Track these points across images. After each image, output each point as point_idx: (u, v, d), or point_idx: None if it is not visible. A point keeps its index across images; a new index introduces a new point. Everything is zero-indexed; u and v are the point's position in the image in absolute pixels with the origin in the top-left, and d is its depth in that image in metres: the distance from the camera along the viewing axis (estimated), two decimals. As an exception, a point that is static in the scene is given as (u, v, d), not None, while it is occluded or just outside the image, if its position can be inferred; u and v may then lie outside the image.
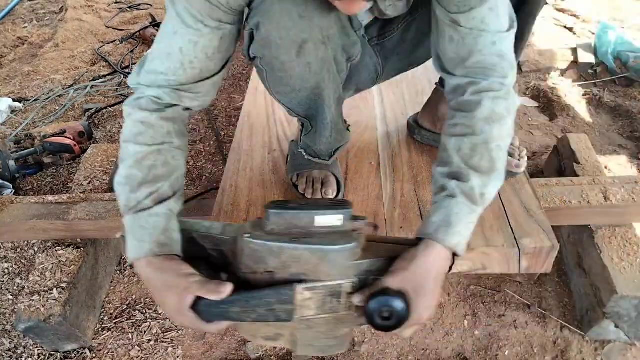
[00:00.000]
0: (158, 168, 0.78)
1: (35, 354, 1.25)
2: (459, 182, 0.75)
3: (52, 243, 1.31)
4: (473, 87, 0.79)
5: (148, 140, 0.79)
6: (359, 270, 0.73)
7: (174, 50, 0.77)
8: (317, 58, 0.84)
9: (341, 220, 0.72)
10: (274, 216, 0.73)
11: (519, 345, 1.21)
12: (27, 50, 2.74)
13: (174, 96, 0.81)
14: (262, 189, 1.17)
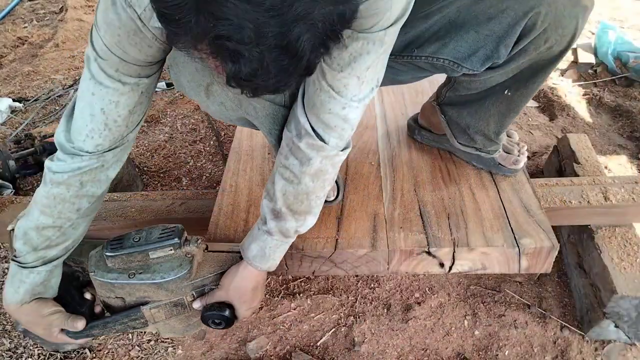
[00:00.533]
0: (53, 240, 0.86)
1: (35, 354, 1.25)
2: (278, 223, 0.86)
3: (52, 243, 1.31)
4: (310, 140, 0.80)
5: (55, 214, 0.83)
6: (194, 287, 0.91)
7: (96, 112, 0.76)
8: (229, 97, 0.84)
9: (172, 249, 0.85)
10: (112, 258, 0.85)
11: (519, 345, 1.21)
12: (27, 50, 2.74)
13: (99, 164, 0.82)
14: (262, 189, 1.17)
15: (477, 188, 1.14)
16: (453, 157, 1.23)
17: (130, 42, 0.69)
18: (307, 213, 0.88)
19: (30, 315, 0.89)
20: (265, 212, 0.88)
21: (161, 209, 1.27)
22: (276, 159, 0.88)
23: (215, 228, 1.08)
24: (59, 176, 0.81)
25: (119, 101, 0.76)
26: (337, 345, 1.23)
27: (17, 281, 0.86)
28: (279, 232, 0.87)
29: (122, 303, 0.91)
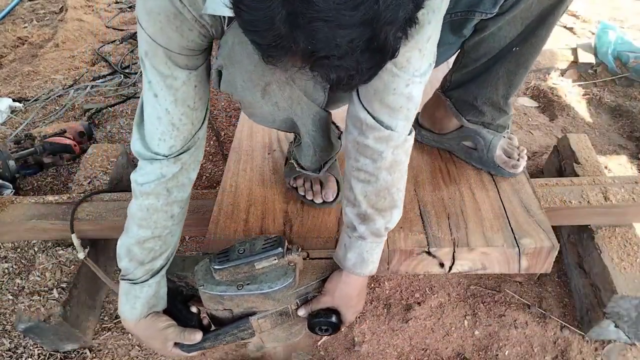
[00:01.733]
0: (157, 250, 0.88)
1: (35, 354, 1.25)
2: (367, 226, 0.86)
3: (52, 243, 1.31)
4: (376, 133, 0.79)
5: (151, 225, 0.85)
6: (298, 295, 0.93)
7: (161, 114, 0.78)
8: (284, 97, 0.84)
9: (276, 259, 0.87)
10: (220, 271, 0.87)
11: (519, 345, 1.21)
12: (27, 50, 2.73)
13: (178, 167, 0.83)
14: (262, 189, 1.17)
15: (477, 188, 1.14)
16: (453, 157, 1.23)
17: (172, 27, 0.69)
18: (392, 207, 0.87)
19: (148, 329, 0.92)
20: (351, 219, 0.87)
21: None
22: (346, 165, 0.88)
23: (215, 228, 1.08)
24: (147, 187, 0.83)
25: (176, 99, 0.77)
26: (337, 345, 1.23)
27: (133, 297, 0.89)
28: (371, 234, 0.87)
29: (229, 315, 0.93)
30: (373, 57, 0.53)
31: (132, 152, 0.84)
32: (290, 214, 1.11)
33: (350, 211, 0.87)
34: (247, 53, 0.74)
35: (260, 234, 1.07)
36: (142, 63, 0.74)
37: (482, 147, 1.15)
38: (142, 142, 0.82)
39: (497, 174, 1.16)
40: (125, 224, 0.88)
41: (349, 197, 0.87)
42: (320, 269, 0.95)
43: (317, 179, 1.12)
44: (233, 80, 0.80)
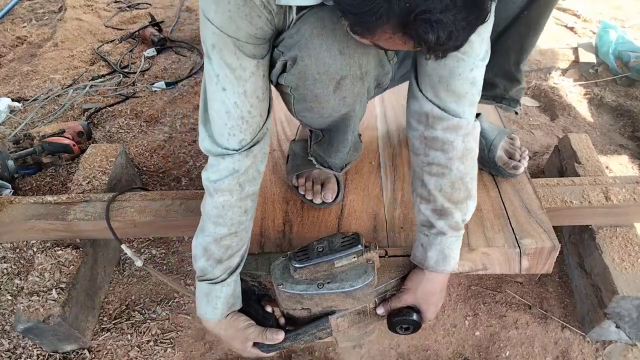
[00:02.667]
0: (233, 248, 0.88)
1: (34, 355, 1.25)
2: (445, 220, 0.85)
3: (51, 243, 1.31)
4: (444, 123, 0.79)
5: (227, 222, 0.85)
6: (377, 293, 0.92)
7: (230, 108, 0.77)
8: (353, 92, 0.84)
9: (355, 257, 0.85)
10: (300, 269, 0.86)
11: (519, 346, 1.20)
12: (26, 50, 2.73)
13: (250, 161, 0.82)
14: (262, 189, 1.16)
15: (478, 188, 1.12)
16: (454, 157, 1.22)
17: (240, 15, 0.68)
18: (467, 198, 0.86)
19: (229, 329, 0.92)
20: (427, 216, 0.87)
21: (160, 209, 1.27)
22: (414, 163, 0.88)
23: (215, 228, 1.08)
24: (220, 183, 0.82)
25: (246, 91, 0.76)
26: (337, 345, 1.23)
27: (214, 298, 0.88)
28: (450, 228, 0.86)
29: (307, 314, 0.93)
30: (469, 16, 0.54)
31: (202, 151, 0.83)
32: (290, 214, 1.11)
33: (426, 208, 0.87)
34: (326, 45, 0.73)
35: (262, 235, 1.06)
36: (208, 57, 0.74)
37: (484, 147, 1.14)
38: (210, 140, 0.81)
39: (498, 175, 1.16)
40: (199, 224, 0.88)
41: (422, 193, 0.87)
42: (398, 267, 0.94)
43: (318, 179, 1.11)
44: (305, 72, 0.77)
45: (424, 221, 0.88)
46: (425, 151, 0.84)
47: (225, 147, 0.80)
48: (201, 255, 0.87)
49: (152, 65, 2.48)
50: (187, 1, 3.14)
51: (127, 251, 1.12)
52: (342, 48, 0.75)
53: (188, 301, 1.35)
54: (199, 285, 0.89)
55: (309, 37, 0.73)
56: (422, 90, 0.81)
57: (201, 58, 2.48)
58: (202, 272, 0.88)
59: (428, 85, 0.80)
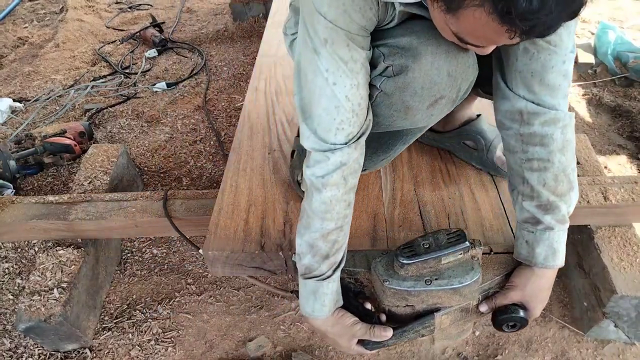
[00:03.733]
0: (339, 242, 0.87)
1: (36, 354, 1.25)
2: (552, 215, 0.85)
3: (52, 243, 1.31)
4: (541, 118, 0.80)
5: (334, 216, 0.84)
6: (482, 290, 0.91)
7: (341, 102, 0.76)
8: (441, 111, 0.85)
9: (462, 253, 0.85)
10: (407, 266, 0.84)
11: (518, 345, 1.21)
12: (28, 51, 2.74)
13: (357, 151, 0.81)
14: (262, 189, 1.17)
15: (477, 188, 1.14)
16: (453, 157, 1.23)
17: (355, 8, 0.69)
18: (570, 190, 0.86)
19: (335, 326, 0.90)
20: (532, 212, 0.86)
21: (161, 209, 1.27)
22: (511, 162, 0.88)
23: (215, 228, 1.08)
24: (328, 178, 0.81)
25: (358, 83, 0.75)
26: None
27: (321, 295, 0.87)
28: (557, 222, 0.85)
29: (410, 311, 0.91)
30: None
31: (306, 148, 0.82)
32: (290, 214, 1.11)
33: (530, 205, 0.86)
34: (438, 64, 0.75)
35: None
36: (316, 53, 0.73)
37: (483, 147, 1.15)
38: (315, 136, 0.79)
39: (497, 175, 1.16)
40: (301, 222, 0.87)
41: (524, 191, 0.86)
42: (501, 264, 0.93)
43: None
44: (409, 84, 0.78)
45: (527, 218, 0.87)
46: (523, 148, 0.84)
47: (333, 143, 0.79)
48: (307, 252, 0.86)
49: (153, 66, 2.49)
50: (188, 2, 3.15)
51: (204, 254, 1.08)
52: (451, 70, 0.77)
53: (189, 300, 1.36)
54: (305, 283, 0.88)
55: (423, 53, 0.75)
56: (512, 89, 0.82)
57: (202, 59, 2.49)
58: (307, 269, 0.87)
59: (519, 83, 0.81)
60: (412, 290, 0.85)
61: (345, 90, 0.75)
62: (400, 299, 0.88)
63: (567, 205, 0.86)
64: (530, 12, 0.53)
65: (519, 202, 0.89)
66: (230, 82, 2.30)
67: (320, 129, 0.79)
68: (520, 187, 0.88)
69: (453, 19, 0.62)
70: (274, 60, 1.63)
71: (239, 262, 1.05)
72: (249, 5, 2.69)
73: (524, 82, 0.80)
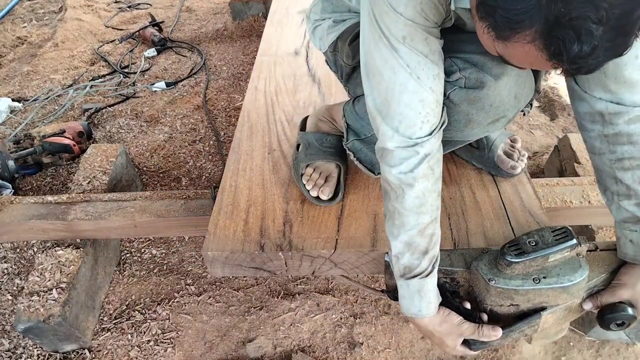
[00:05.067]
0: (436, 235, 0.85)
1: (35, 355, 1.25)
2: None
3: (51, 243, 1.31)
4: (625, 117, 0.79)
5: (429, 209, 0.83)
6: (588, 288, 0.89)
7: (425, 95, 0.75)
8: (496, 130, 0.86)
9: (569, 251, 0.82)
10: (515, 264, 0.82)
11: (519, 345, 1.20)
12: (27, 50, 2.73)
13: (438, 140, 0.81)
14: (262, 189, 1.16)
15: (478, 188, 1.14)
16: (453, 156, 1.22)
17: (430, 5, 0.70)
18: None
19: (443, 324, 0.87)
20: (631, 211, 0.84)
21: (161, 209, 1.27)
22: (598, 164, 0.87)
23: (215, 228, 1.08)
24: (417, 172, 0.80)
25: (439, 72, 0.76)
26: (337, 345, 1.23)
27: (426, 292, 0.84)
28: None
29: (514, 310, 0.88)
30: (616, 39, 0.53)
31: (389, 149, 0.80)
32: (290, 214, 1.11)
33: (628, 204, 0.84)
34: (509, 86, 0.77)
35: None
36: (393, 49, 0.73)
37: (484, 146, 1.14)
38: (399, 135, 0.78)
39: (498, 174, 1.16)
40: (392, 224, 0.85)
41: (620, 190, 0.85)
42: (605, 262, 0.90)
43: (323, 174, 1.12)
44: (481, 99, 0.79)
45: (627, 217, 0.85)
46: (610, 148, 0.82)
47: (419, 137, 0.78)
48: (405, 251, 0.83)
49: (152, 65, 2.48)
50: (187, 1, 3.14)
51: None
52: (518, 93, 0.79)
53: (189, 301, 1.36)
54: (407, 284, 0.85)
55: (503, 73, 0.76)
56: (586, 90, 0.81)
57: (201, 58, 2.49)
58: (407, 269, 0.84)
59: (593, 85, 0.79)
60: (520, 289, 0.83)
61: (430, 82, 0.75)
62: (505, 298, 0.86)
63: None
64: (580, 57, 0.54)
65: (615, 202, 0.87)
66: (229, 82, 2.30)
67: (404, 125, 0.78)
68: (614, 188, 0.86)
69: (501, 45, 0.62)
70: (274, 60, 1.62)
71: (239, 262, 1.04)
72: (248, 4, 2.68)
73: (598, 84, 0.79)
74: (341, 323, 1.27)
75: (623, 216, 0.86)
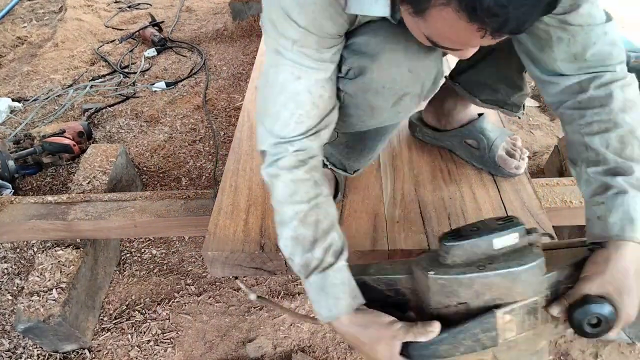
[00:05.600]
0: (323, 222, 0.77)
1: (35, 355, 1.25)
2: (624, 177, 0.73)
3: (51, 243, 1.31)
4: (596, 82, 0.77)
5: (304, 197, 0.77)
6: (549, 283, 0.74)
7: (301, 97, 0.75)
8: (409, 108, 0.85)
9: (517, 237, 0.72)
10: (454, 248, 0.71)
11: (519, 346, 1.20)
12: (27, 50, 2.73)
13: (315, 142, 0.79)
14: (262, 189, 1.16)
15: (478, 188, 1.14)
16: (454, 156, 1.22)
17: (325, 16, 0.69)
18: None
19: (370, 327, 0.73)
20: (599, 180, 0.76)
21: (161, 209, 1.27)
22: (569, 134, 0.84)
23: (215, 228, 1.08)
24: (283, 162, 0.77)
25: (324, 78, 0.76)
26: (337, 345, 1.23)
27: (331, 286, 0.74)
28: (630, 185, 0.73)
29: (464, 310, 0.74)
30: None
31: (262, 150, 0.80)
32: (290, 214, 1.11)
33: (596, 171, 0.76)
34: (397, 61, 0.75)
35: (262, 235, 1.06)
36: (285, 51, 0.73)
37: (484, 147, 1.14)
38: (272, 136, 0.78)
39: (498, 174, 1.16)
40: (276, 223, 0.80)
41: (589, 157, 0.78)
42: (568, 256, 0.78)
43: None
44: (370, 84, 0.78)
45: (596, 189, 0.76)
46: (580, 113, 0.79)
47: (291, 136, 0.77)
48: (294, 247, 0.76)
49: (152, 65, 2.48)
50: (187, 1, 3.14)
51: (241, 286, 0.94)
52: (412, 67, 0.77)
53: (189, 301, 1.36)
54: (309, 283, 0.76)
55: (380, 51, 0.74)
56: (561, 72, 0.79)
57: (201, 58, 2.49)
58: (304, 266, 0.76)
59: (564, 68, 0.78)
60: (462, 277, 0.70)
61: (309, 84, 0.75)
62: (449, 294, 0.73)
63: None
64: (497, 6, 0.51)
65: (583, 173, 0.79)
66: (229, 82, 2.30)
67: (278, 126, 0.77)
68: (583, 155, 0.79)
69: (422, 22, 0.61)
70: (274, 60, 1.62)
71: (239, 262, 1.04)
72: (248, 4, 2.68)
73: (569, 67, 0.78)
74: (341, 323, 1.27)
75: (591, 188, 0.78)
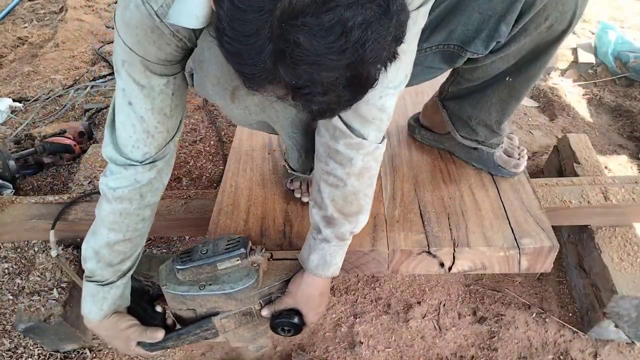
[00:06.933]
0: (126, 253, 0.89)
1: (36, 354, 1.25)
2: (332, 229, 0.86)
3: (52, 243, 1.31)
4: (347, 140, 0.80)
5: (122, 229, 0.85)
6: (262, 295, 0.92)
7: (135, 121, 0.77)
8: (254, 101, 0.84)
9: (239, 259, 0.86)
10: (181, 271, 0.87)
11: (519, 345, 1.21)
12: (27, 50, 2.73)
13: (153, 172, 0.83)
14: (262, 189, 1.17)
15: (477, 188, 1.14)
16: (453, 157, 1.23)
17: (149, 40, 0.68)
18: (359, 213, 0.87)
19: (110, 329, 0.92)
20: (316, 220, 0.87)
21: (161, 209, 1.27)
22: (315, 167, 0.88)
23: (215, 228, 1.08)
24: (120, 192, 0.82)
25: (153, 107, 0.77)
26: (337, 345, 1.23)
27: (100, 299, 0.89)
28: (336, 237, 0.87)
29: (193, 314, 0.93)
30: (354, 92, 0.55)
31: (105, 157, 0.83)
32: (290, 214, 1.11)
33: (317, 213, 0.87)
34: (214, 58, 0.73)
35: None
36: (118, 71, 0.74)
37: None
38: (115, 148, 0.81)
39: (497, 174, 1.16)
40: (91, 226, 0.88)
41: (317, 199, 0.87)
42: (285, 270, 0.94)
43: (306, 181, 1.12)
44: (203, 83, 0.80)
45: (314, 225, 0.89)
46: (326, 160, 0.84)
47: (129, 158, 0.81)
48: (91, 258, 0.87)
49: (152, 65, 2.48)
50: (188, 2, 3.14)
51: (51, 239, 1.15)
52: None
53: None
54: (86, 285, 0.89)
55: (201, 50, 0.73)
56: None
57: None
58: (91, 273, 0.88)
59: None
60: (187, 294, 0.87)
61: (141, 112, 0.77)
62: (179, 302, 0.90)
63: (352, 226, 0.87)
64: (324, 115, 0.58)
65: (310, 207, 0.90)
66: (230, 82, 2.30)
67: (120, 142, 0.80)
68: (314, 194, 0.89)
69: None
70: (274, 60, 1.62)
71: (239, 262, 1.05)
72: (248, 4, 2.68)
73: None
74: (341, 322, 1.28)
75: (312, 222, 0.89)
